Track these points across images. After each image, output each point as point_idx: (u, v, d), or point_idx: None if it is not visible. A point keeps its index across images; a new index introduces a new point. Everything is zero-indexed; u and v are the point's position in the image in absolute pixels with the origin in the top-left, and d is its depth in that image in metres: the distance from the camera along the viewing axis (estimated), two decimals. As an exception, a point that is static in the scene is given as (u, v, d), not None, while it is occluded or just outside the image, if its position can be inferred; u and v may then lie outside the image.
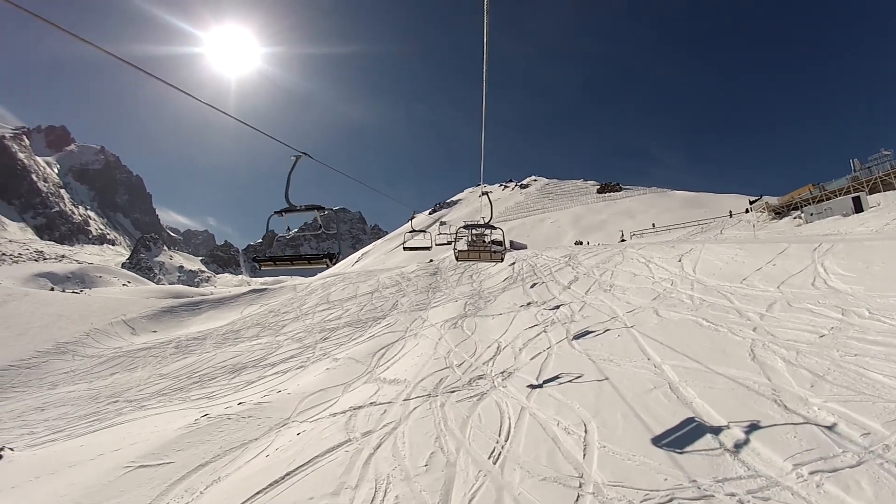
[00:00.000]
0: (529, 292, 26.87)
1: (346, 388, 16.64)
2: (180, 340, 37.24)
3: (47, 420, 23.61)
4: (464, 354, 17.37)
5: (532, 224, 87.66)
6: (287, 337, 31.53)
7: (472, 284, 34.64)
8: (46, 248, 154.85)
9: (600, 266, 28.08)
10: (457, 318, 24.78)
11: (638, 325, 15.38)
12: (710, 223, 51.16)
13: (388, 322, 28.44)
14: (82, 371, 33.10)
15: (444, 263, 46.27)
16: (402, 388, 14.45)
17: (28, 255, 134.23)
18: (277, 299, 47.76)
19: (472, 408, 11.26)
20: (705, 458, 7.28)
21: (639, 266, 25.50)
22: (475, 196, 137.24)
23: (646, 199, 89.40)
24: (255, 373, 24.59)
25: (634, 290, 20.92)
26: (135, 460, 11.43)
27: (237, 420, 14.06)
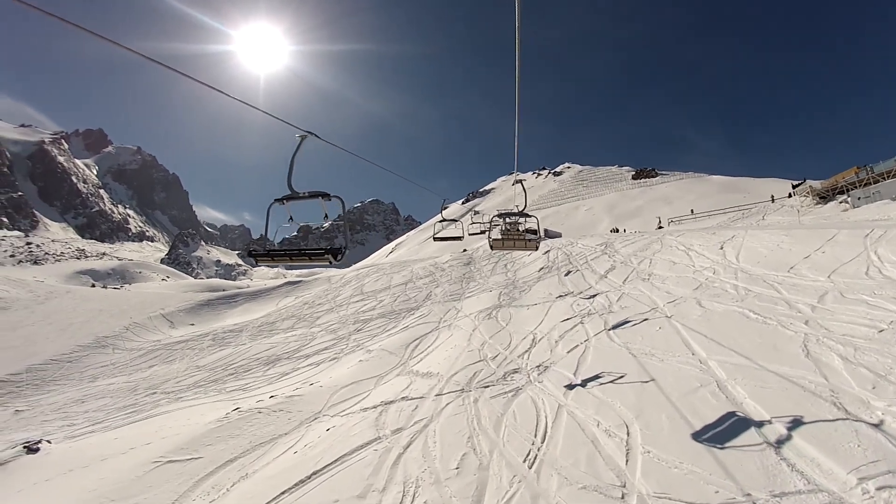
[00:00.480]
0: (565, 281, 26.11)
1: (378, 380, 16.32)
2: (217, 333, 37.67)
3: (87, 412, 24.05)
4: (498, 347, 16.79)
5: (566, 212, 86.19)
6: (321, 328, 31.55)
7: (506, 274, 34.03)
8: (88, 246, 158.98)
9: (638, 254, 27.13)
10: (491, 309, 24.22)
11: (680, 316, 14.47)
12: (752, 209, 49.30)
13: (422, 313, 28.11)
14: (122, 364, 33.71)
15: (477, 253, 45.74)
16: (435, 382, 14.01)
17: (70, 253, 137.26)
18: (312, 291, 47.92)
19: (507, 405, 10.74)
20: (760, 469, 6.53)
21: (678, 254, 24.46)
22: (508, 184, 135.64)
23: (682, 185, 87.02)
24: (289, 364, 24.66)
25: (674, 279, 19.94)
26: (164, 455, 11.36)
27: (268, 414, 13.91)
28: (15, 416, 25.96)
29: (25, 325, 42.33)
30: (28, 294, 51.05)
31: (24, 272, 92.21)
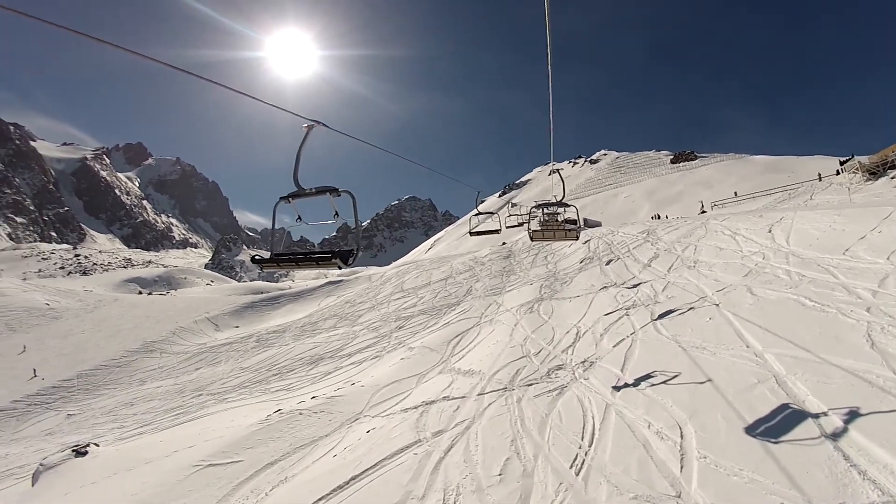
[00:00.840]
0: (607, 271, 25.28)
1: (419, 379, 16.03)
2: (261, 334, 38.24)
3: (136, 414, 24.85)
4: (541, 342, 16.26)
5: (605, 200, 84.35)
6: (363, 327, 31.60)
7: (546, 266, 33.31)
8: (134, 255, 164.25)
9: (682, 240, 26.11)
10: (532, 302, 23.64)
11: (730, 305, 13.58)
12: (798, 188, 47.08)
13: (463, 308, 27.75)
14: (169, 367, 34.63)
15: (516, 246, 45.08)
16: (477, 380, 13.60)
17: (117, 263, 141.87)
18: (353, 290, 48.24)
19: (552, 404, 10.25)
20: (828, 477, 5.86)
21: (724, 239, 23.39)
22: (545, 175, 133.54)
23: (723, 167, 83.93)
24: (331, 363, 24.69)
25: (722, 265, 18.93)
26: (205, 458, 11.33)
27: (308, 415, 13.75)
28: (67, 419, 26.97)
29: (76, 333, 43.78)
30: (78, 303, 52.86)
31: (73, 283, 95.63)
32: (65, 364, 35.99)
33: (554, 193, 16.46)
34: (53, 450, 18.32)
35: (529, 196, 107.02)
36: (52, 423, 27.08)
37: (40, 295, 54.26)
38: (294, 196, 6.60)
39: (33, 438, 25.12)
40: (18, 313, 47.90)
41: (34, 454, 20.55)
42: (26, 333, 43.80)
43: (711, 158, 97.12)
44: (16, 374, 35.11)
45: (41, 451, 20.36)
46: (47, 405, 30.04)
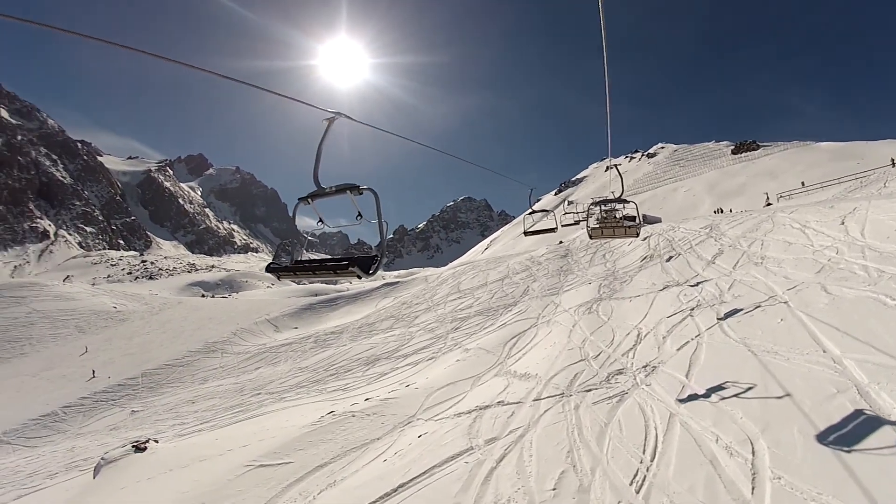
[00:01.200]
0: (668, 269, 24.11)
1: (474, 382, 15.56)
2: (319, 335, 38.64)
3: (197, 412, 25.52)
4: (600, 344, 15.51)
5: (664, 195, 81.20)
6: (419, 328, 31.46)
7: (605, 265, 32.24)
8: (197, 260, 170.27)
9: (747, 235, 24.67)
10: (591, 302, 22.82)
11: (803, 305, 12.38)
12: (870, 176, 44.19)
13: (520, 309, 27.11)
14: (230, 367, 35.47)
15: (574, 244, 43.92)
16: (533, 384, 13.02)
17: (182, 268, 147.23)
18: (410, 291, 48.25)
19: (611, 412, 9.63)
20: None
21: (793, 233, 21.91)
22: (601, 171, 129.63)
23: (788, 156, 79.45)
24: (387, 364, 24.64)
25: (792, 261, 17.63)
26: (256, 459, 11.31)
27: (361, 418, 13.56)
28: (131, 415, 28.08)
29: (141, 334, 45.48)
30: (143, 306, 54.93)
31: (140, 287, 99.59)
32: (130, 363, 37.41)
33: (612, 190, 15.85)
34: (116, 444, 18.98)
35: (586, 193, 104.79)
36: (116, 419, 28.32)
37: (108, 298, 56.89)
38: (314, 196, 6.05)
39: (98, 433, 26.27)
40: (87, 316, 50.39)
41: (98, 448, 21.39)
42: (95, 335, 45.91)
43: (774, 147, 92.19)
44: (84, 373, 36.88)
45: (105, 445, 21.14)
46: (113, 402, 31.44)
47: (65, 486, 16.01)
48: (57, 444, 25.96)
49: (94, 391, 32.94)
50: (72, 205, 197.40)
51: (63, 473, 19.16)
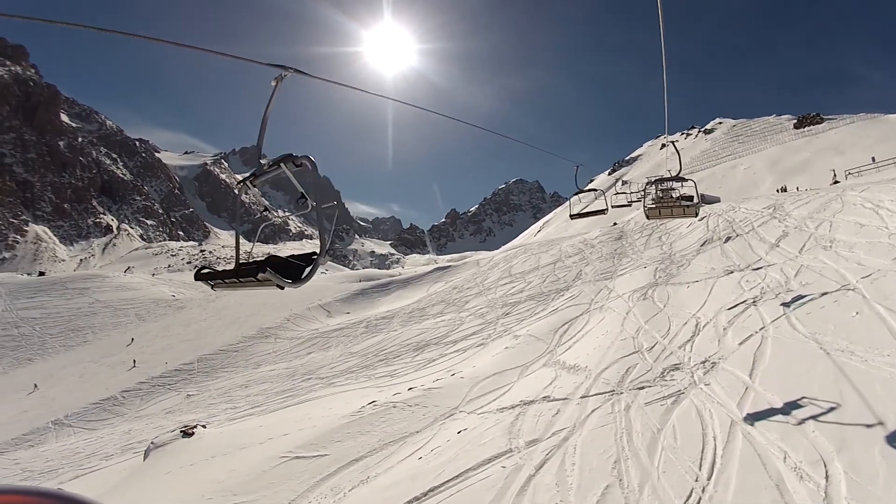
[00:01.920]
0: (729, 253, 22.55)
1: (521, 372, 14.86)
2: (370, 320, 38.67)
3: (249, 396, 25.97)
4: (655, 334, 14.42)
5: (722, 173, 76.87)
6: (469, 313, 30.95)
7: (661, 247, 30.62)
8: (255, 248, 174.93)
9: (814, 216, 22.84)
10: (646, 288, 21.59)
11: (881, 296, 10.93)
12: None
13: (572, 294, 26.15)
14: (282, 352, 35.89)
15: (628, 226, 42.20)
16: (582, 378, 12.17)
17: None
18: (461, 275, 47.71)
19: (665, 415, 8.69)
20: None
21: (865, 213, 19.99)
22: (656, 149, 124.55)
23: (855, 129, 73.87)
24: (436, 350, 24.34)
25: (865, 245, 15.96)
26: (293, 450, 11.08)
27: (402, 409, 13.13)
28: (186, 399, 28.84)
29: (198, 321, 46.69)
30: (200, 294, 56.39)
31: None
32: (187, 349, 38.39)
33: (668, 168, 14.84)
34: (171, 427, 19.50)
35: (641, 172, 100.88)
36: (172, 403, 29.07)
37: (167, 288, 58.86)
38: (256, 177, 5.02)
39: (155, 416, 27.08)
40: (147, 304, 52.30)
41: (153, 430, 21.92)
42: (154, 322, 47.55)
43: (840, 120, 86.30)
44: (144, 358, 38.09)
45: (159, 428, 21.59)
46: (169, 386, 32.32)
47: (118, 468, 16.47)
48: (115, 426, 26.98)
49: (152, 376, 34.05)
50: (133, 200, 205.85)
51: (118, 455, 19.80)
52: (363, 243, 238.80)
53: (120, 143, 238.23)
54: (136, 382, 33.11)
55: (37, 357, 40.95)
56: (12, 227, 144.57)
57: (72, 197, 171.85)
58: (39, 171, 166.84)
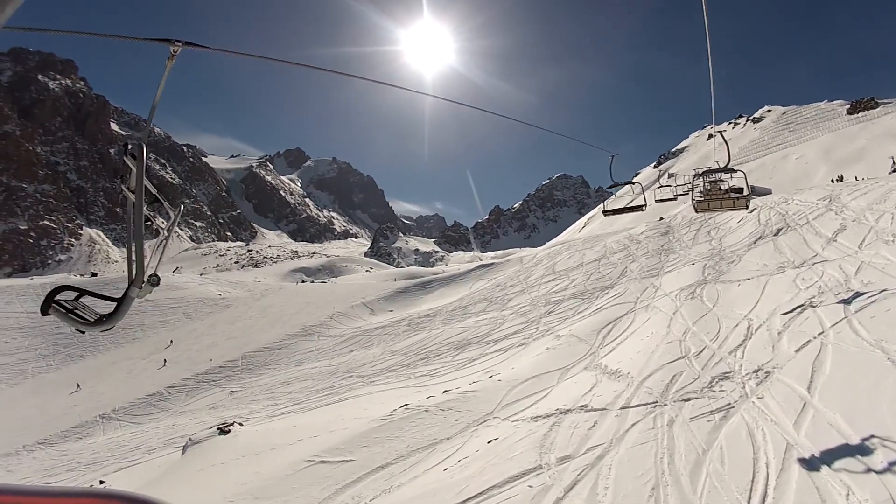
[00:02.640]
0: (782, 248, 21.29)
1: (561, 375, 14.16)
2: (412, 318, 38.66)
3: (290, 393, 26.20)
4: (703, 337, 13.41)
5: (773, 163, 73.09)
6: (512, 311, 30.47)
7: (710, 242, 29.33)
8: (300, 247, 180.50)
9: (874, 208, 21.17)
10: (694, 286, 20.53)
11: None
12: None
13: (617, 292, 25.23)
14: (325, 349, 36.11)
15: (675, 220, 40.74)
16: (623, 386, 11.32)
17: (285, 255, 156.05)
18: (505, 272, 47.25)
19: (713, 434, 7.73)
20: None
21: None
22: (702, 140, 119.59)
23: None
24: (477, 349, 23.96)
25: None
26: (319, 454, 10.82)
27: (434, 413, 12.64)
28: (230, 395, 29.31)
29: (244, 319, 47.32)
30: (246, 293, 57.37)
31: (246, 275, 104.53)
32: (232, 346, 38.95)
33: (716, 159, 13.99)
34: (213, 422, 19.75)
35: (687, 164, 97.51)
36: (216, 399, 29.59)
37: (214, 287, 60.02)
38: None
39: (198, 411, 27.57)
40: (194, 303, 53.31)
41: (196, 425, 22.23)
42: (201, 320, 48.43)
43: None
44: (190, 355, 38.78)
45: (202, 424, 22.01)
46: (213, 382, 32.95)
47: (157, 463, 16.62)
48: (160, 420, 27.58)
49: (197, 372, 34.79)
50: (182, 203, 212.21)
51: (160, 449, 20.14)
52: (407, 241, 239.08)
53: (168, 148, 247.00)
54: (181, 378, 33.85)
55: (88, 354, 42.18)
56: (67, 230, 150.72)
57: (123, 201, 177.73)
58: (92, 177, 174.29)
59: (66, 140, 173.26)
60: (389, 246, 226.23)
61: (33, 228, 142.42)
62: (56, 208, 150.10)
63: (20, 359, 41.14)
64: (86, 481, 18.67)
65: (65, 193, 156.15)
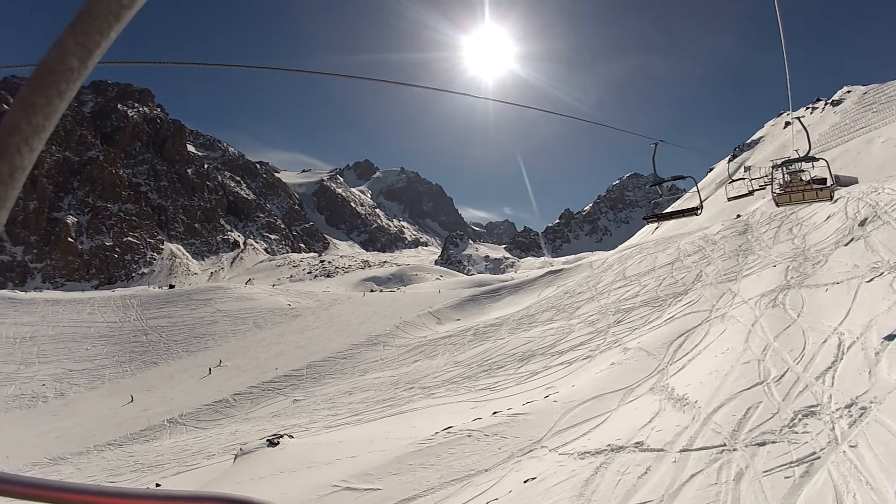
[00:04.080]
0: (875, 246, 19.23)
1: (623, 397, 12.85)
2: (478, 327, 38.12)
3: (351, 403, 26.00)
4: (786, 356, 11.61)
5: (857, 149, 66.56)
6: (580, 320, 29.29)
7: (793, 241, 27.01)
8: (371, 257, 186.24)
9: None
10: (776, 291, 18.60)
11: None
12: None
13: (690, 299, 23.64)
14: (390, 359, 36.00)
15: (754, 217, 38.15)
16: (688, 419, 9.77)
17: (356, 265, 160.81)
18: (574, 279, 45.96)
19: (789, 498, 6.17)
20: None
21: None
22: (779, 129, 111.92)
23: None
24: (541, 361, 23.05)
25: None
26: (348, 479, 10.26)
27: (478, 439, 11.59)
28: (293, 404, 29.46)
29: (311, 329, 48.04)
30: (315, 303, 58.48)
31: (318, 285, 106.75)
32: (298, 356, 39.49)
33: (795, 148, 12.75)
34: (273, 430, 19.91)
35: (764, 156, 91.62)
36: (279, 407, 29.77)
37: (284, 297, 61.48)
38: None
39: (261, 419, 27.69)
40: (264, 313, 54.69)
41: (258, 433, 22.23)
42: (270, 330, 49.53)
43: None
44: (258, 364, 39.53)
45: (263, 431, 22.00)
46: (278, 391, 33.18)
47: (212, 469, 16.71)
48: (224, 427, 27.97)
49: (263, 381, 35.16)
50: (257, 217, 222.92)
51: (219, 455, 20.40)
52: (477, 248, 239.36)
53: (242, 166, 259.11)
54: (247, 386, 34.38)
55: (161, 361, 43.91)
56: (150, 245, 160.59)
57: (201, 217, 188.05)
58: (171, 196, 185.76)
59: (146, 162, 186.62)
60: (459, 253, 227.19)
61: (118, 244, 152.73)
62: (139, 225, 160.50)
63: (99, 365, 43.36)
64: (147, 482, 19.22)
65: (146, 211, 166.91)
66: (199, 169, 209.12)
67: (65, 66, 0.54)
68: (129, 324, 51.87)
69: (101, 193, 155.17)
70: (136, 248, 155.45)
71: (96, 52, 0.56)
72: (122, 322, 52.31)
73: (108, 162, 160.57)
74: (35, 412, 35.87)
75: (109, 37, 0.57)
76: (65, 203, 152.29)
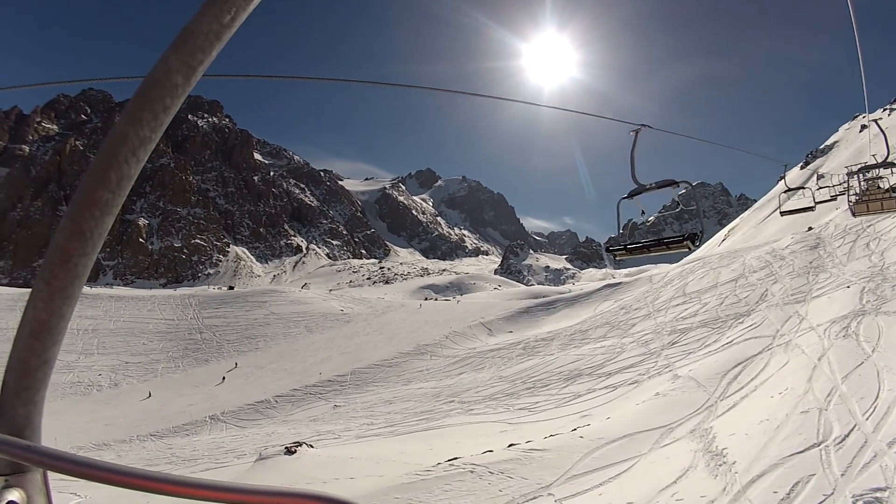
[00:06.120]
0: None
1: (659, 439, 11.38)
2: (529, 341, 36.98)
3: (389, 413, 25.36)
4: (854, 406, 9.72)
5: None
6: (633, 339, 27.97)
7: (870, 258, 24.78)
8: (430, 265, 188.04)
9: None
10: (849, 317, 16.55)
11: None
12: None
13: (753, 321, 21.87)
14: (435, 370, 35.26)
15: (826, 230, 35.16)
16: (718, 488, 8.17)
17: (415, 272, 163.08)
18: (632, 293, 44.12)
19: None
20: None
21: None
22: (854, 133, 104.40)
23: None
24: (587, 383, 22.01)
25: None
26: None
27: (480, 476, 10.32)
28: (333, 410, 29.22)
29: (361, 335, 48.03)
30: (368, 309, 58.89)
31: (376, 291, 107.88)
32: (345, 362, 39.50)
33: (872, 153, 11.50)
34: (309, 434, 20.37)
35: (839, 162, 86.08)
36: (318, 412, 29.63)
37: (337, 303, 62.27)
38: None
39: (299, 422, 27.52)
40: (316, 318, 55.49)
41: (293, 436, 21.85)
42: (321, 334, 50.17)
43: None
44: (304, 367, 39.98)
45: (298, 435, 21.75)
46: (320, 395, 33.19)
47: (235, 469, 16.47)
48: (262, 427, 27.93)
49: (306, 384, 35.32)
50: (319, 223, 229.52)
51: (249, 455, 20.17)
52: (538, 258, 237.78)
53: (307, 174, 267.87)
54: (290, 389, 34.59)
55: (212, 359, 45.23)
56: (216, 248, 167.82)
57: (266, 222, 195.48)
58: (238, 201, 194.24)
59: (215, 170, 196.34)
60: (519, 263, 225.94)
61: (186, 246, 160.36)
62: (206, 229, 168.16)
63: (153, 359, 45.41)
64: (176, 474, 19.12)
65: (214, 216, 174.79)
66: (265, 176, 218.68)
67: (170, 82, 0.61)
68: (186, 322, 54.04)
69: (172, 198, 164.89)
70: (202, 249, 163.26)
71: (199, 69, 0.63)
72: (179, 320, 54.54)
73: (178, 169, 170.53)
74: (89, 399, 37.96)
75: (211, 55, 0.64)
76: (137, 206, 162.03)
